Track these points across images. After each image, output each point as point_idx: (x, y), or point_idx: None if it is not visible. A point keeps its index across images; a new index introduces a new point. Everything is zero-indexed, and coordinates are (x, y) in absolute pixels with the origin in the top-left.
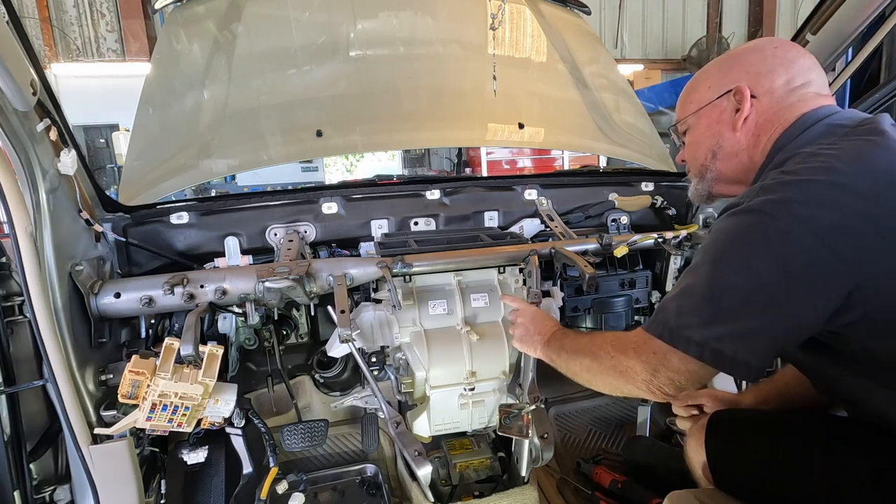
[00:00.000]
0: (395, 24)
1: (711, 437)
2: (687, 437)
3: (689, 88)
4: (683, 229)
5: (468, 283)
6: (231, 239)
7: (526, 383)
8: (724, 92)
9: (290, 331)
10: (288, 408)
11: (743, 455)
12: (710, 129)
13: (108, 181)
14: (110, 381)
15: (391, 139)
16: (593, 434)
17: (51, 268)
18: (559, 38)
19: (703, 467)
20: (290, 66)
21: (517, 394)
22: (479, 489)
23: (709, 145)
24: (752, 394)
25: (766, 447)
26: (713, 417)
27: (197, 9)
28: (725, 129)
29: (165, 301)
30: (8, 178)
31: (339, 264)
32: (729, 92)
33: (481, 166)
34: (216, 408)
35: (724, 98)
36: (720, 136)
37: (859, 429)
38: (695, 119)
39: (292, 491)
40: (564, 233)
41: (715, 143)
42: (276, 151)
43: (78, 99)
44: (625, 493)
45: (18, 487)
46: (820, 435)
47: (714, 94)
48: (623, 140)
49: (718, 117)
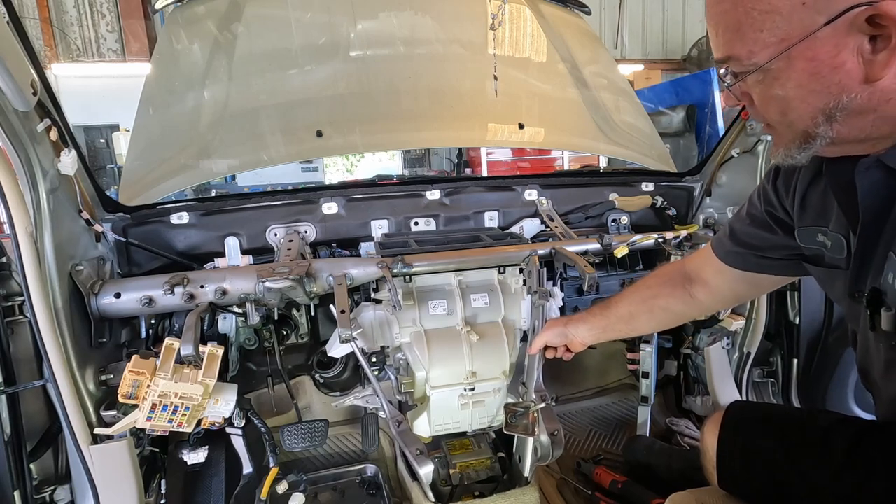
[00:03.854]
0: (395, 24)
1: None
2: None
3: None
4: (683, 229)
5: (468, 284)
6: (231, 239)
7: (531, 382)
8: (841, 11)
9: (291, 331)
10: (288, 408)
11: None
12: (818, 80)
13: (108, 181)
14: (110, 381)
15: (391, 139)
16: (593, 434)
17: (51, 268)
18: (559, 38)
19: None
20: (290, 66)
21: (521, 392)
22: (479, 489)
23: (816, 104)
24: (586, 321)
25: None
26: (730, 409)
27: (197, 9)
28: (852, 80)
29: (165, 301)
30: (8, 178)
31: (340, 264)
32: (855, 10)
33: (481, 166)
34: (216, 408)
35: (842, 22)
36: (841, 90)
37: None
38: (780, 66)
39: (292, 491)
40: (564, 233)
41: (830, 100)
42: (276, 151)
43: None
44: (625, 493)
45: (18, 487)
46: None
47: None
48: (623, 140)
49: (833, 61)
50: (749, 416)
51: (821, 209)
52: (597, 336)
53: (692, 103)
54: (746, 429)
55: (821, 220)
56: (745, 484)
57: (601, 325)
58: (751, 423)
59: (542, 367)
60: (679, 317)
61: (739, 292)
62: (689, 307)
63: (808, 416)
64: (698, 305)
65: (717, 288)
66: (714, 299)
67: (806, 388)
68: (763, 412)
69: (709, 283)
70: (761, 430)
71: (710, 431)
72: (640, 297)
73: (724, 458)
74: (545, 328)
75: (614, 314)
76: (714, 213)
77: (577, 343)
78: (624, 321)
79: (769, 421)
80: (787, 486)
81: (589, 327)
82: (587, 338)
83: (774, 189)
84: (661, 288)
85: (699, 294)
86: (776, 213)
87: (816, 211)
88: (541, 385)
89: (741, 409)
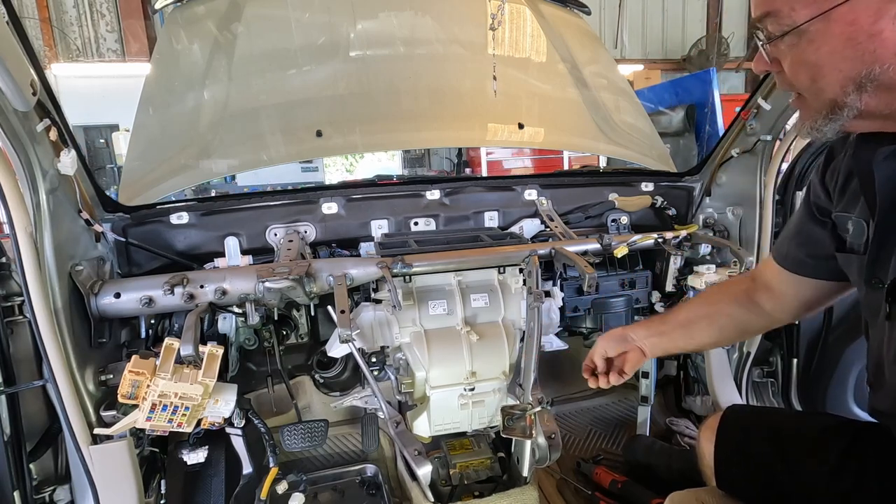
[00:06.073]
0: (395, 24)
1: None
2: (699, 433)
3: None
4: (683, 229)
5: (468, 284)
6: (231, 239)
7: (528, 384)
8: None
9: (290, 331)
10: (288, 408)
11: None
12: (853, 47)
13: (108, 181)
14: (110, 381)
15: (391, 139)
16: (593, 434)
17: (51, 268)
18: (559, 38)
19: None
20: (290, 66)
21: (518, 394)
22: (479, 489)
23: (848, 72)
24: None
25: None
26: (727, 412)
27: (197, 9)
28: (887, 49)
29: (165, 301)
30: (8, 178)
31: (339, 264)
32: None
33: (481, 166)
34: (216, 408)
35: None
36: (875, 60)
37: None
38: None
39: (292, 491)
40: (564, 233)
41: (863, 69)
42: (276, 151)
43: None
44: (625, 493)
45: (18, 487)
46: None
47: None
48: (623, 140)
49: (872, 28)
50: (745, 421)
51: (853, 196)
52: (654, 342)
53: (692, 103)
54: (742, 433)
55: (850, 207)
56: (743, 488)
57: (659, 329)
58: (746, 428)
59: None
60: (744, 326)
61: (806, 297)
62: (755, 315)
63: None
64: (763, 313)
65: (781, 294)
66: (780, 306)
67: (806, 388)
68: (758, 416)
69: (772, 287)
70: (757, 434)
71: (707, 437)
72: (701, 303)
73: (721, 464)
74: (601, 338)
75: (673, 320)
76: (714, 213)
77: (635, 350)
78: (683, 328)
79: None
80: (785, 490)
81: (647, 331)
82: (645, 342)
83: (822, 181)
84: (723, 294)
85: (763, 300)
86: (821, 203)
87: (850, 197)
88: (537, 387)
89: (736, 414)
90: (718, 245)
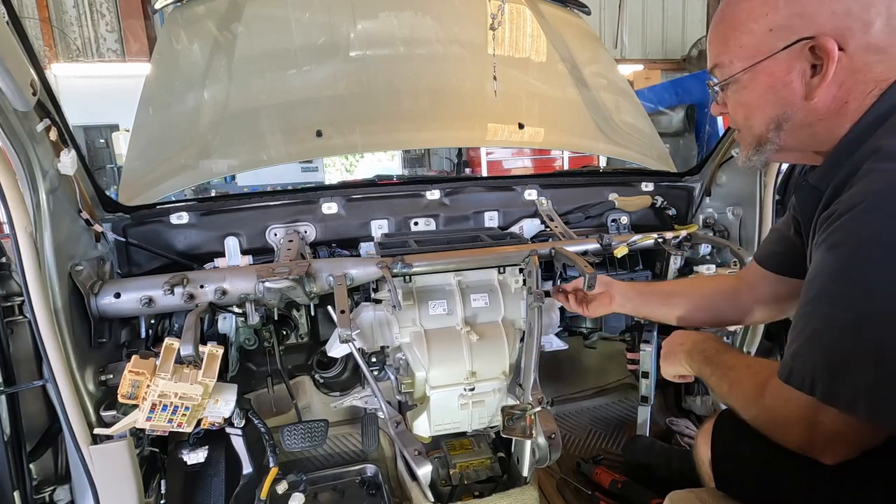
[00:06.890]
0: (395, 25)
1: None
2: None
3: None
4: (683, 229)
5: (468, 284)
6: (231, 239)
7: (528, 384)
8: (794, 41)
9: (290, 331)
10: (288, 408)
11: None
12: (773, 93)
13: (108, 181)
14: (110, 381)
15: (391, 139)
16: (593, 434)
17: (51, 268)
18: (559, 38)
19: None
20: (290, 66)
21: (518, 394)
22: (479, 489)
23: (770, 114)
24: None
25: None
26: (720, 418)
27: (197, 9)
28: (795, 96)
29: (165, 301)
30: (8, 178)
31: (339, 264)
32: (803, 42)
33: (481, 166)
34: (216, 408)
35: (794, 49)
36: (788, 105)
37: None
38: (747, 77)
39: (292, 491)
40: (564, 233)
41: (780, 112)
42: (276, 151)
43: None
44: (625, 493)
45: (18, 487)
46: None
47: (779, 43)
48: (623, 140)
49: (785, 79)
50: (740, 424)
51: None
52: (630, 297)
53: (692, 103)
54: (739, 436)
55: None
56: (742, 491)
57: (642, 290)
58: (742, 430)
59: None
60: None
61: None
62: (732, 307)
63: None
64: (741, 308)
65: (759, 291)
66: (756, 302)
67: None
68: None
69: (754, 284)
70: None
71: (703, 442)
72: (688, 283)
73: (719, 468)
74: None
75: (658, 287)
76: (714, 213)
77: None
78: (663, 296)
79: None
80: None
81: (629, 287)
82: (620, 294)
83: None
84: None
85: (744, 294)
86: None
87: None
88: (537, 387)
89: (732, 417)
90: (718, 245)
